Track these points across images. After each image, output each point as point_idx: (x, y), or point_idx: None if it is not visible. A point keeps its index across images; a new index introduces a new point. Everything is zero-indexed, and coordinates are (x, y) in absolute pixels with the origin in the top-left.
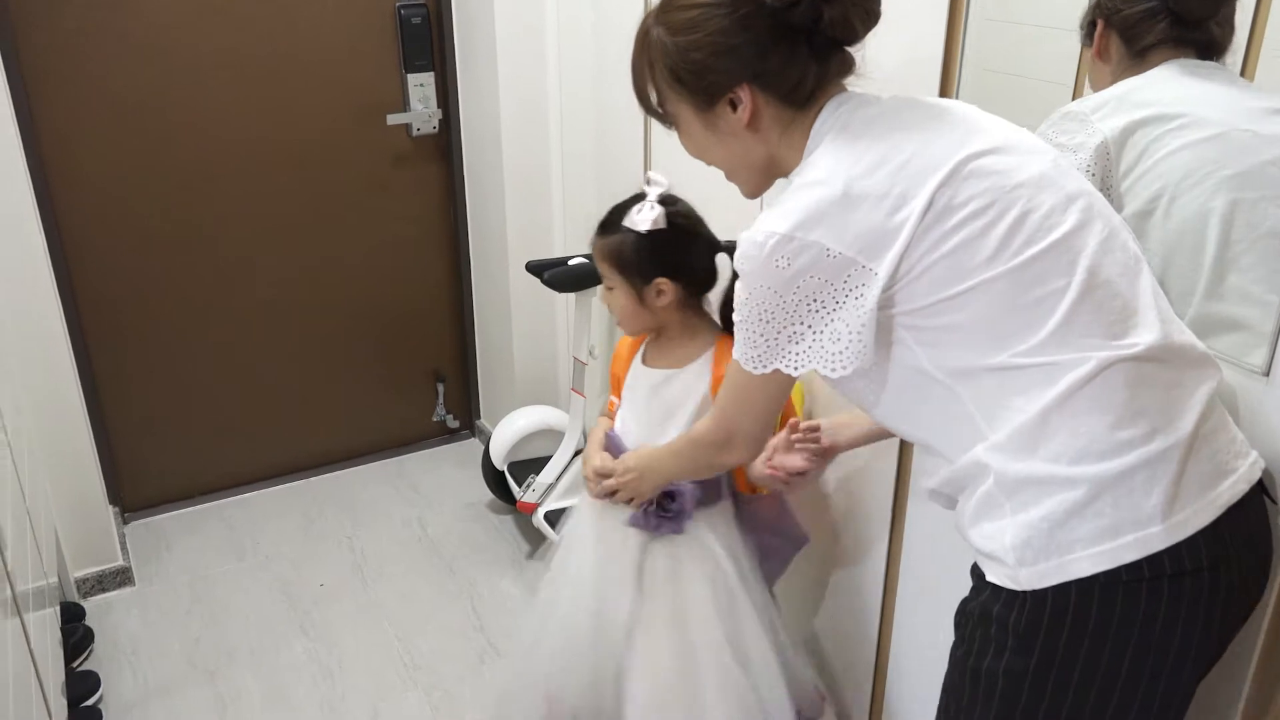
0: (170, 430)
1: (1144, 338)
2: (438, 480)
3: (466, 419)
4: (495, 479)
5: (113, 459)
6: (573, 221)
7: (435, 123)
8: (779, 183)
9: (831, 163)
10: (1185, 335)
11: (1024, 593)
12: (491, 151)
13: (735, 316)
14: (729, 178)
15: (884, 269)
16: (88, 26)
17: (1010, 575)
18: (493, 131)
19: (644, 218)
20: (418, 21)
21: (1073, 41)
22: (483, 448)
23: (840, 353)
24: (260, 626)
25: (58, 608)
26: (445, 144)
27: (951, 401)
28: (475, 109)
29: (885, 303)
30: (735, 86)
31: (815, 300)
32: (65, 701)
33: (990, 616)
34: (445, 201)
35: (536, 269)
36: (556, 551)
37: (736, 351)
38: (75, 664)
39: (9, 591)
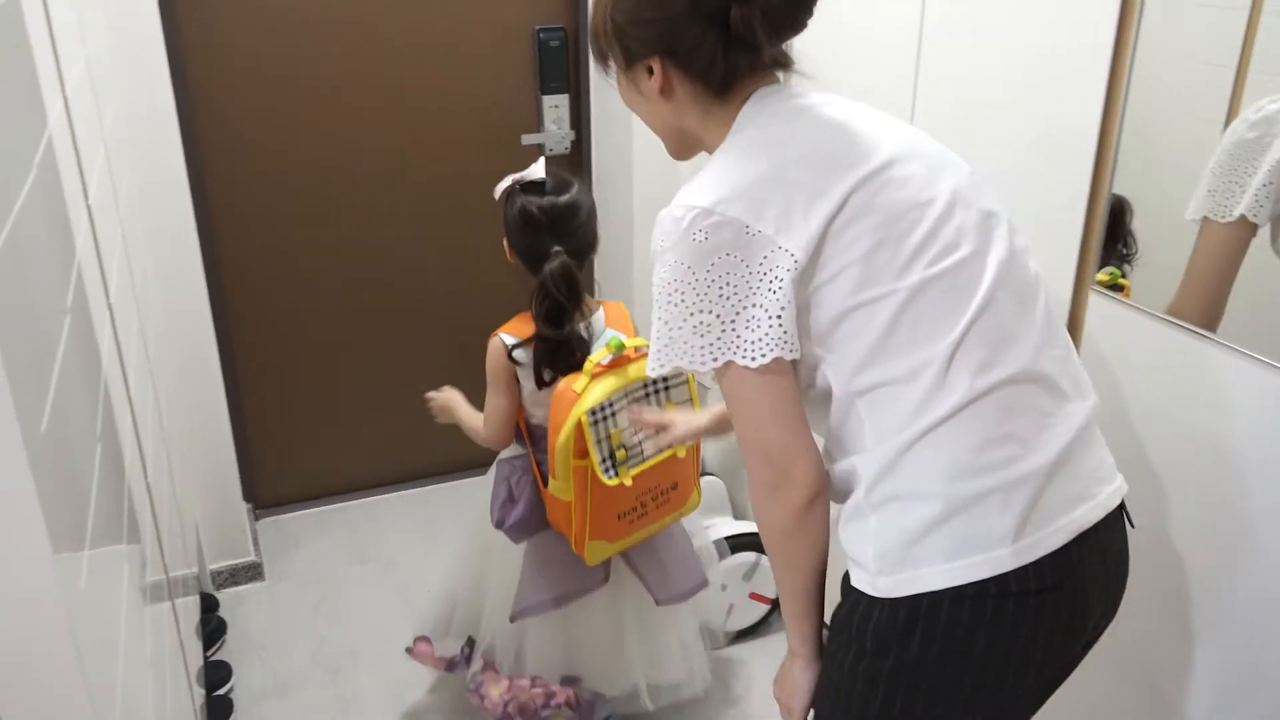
0: (302, 433)
1: (1021, 365)
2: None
3: None
4: None
5: (248, 459)
6: None
7: (568, 144)
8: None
9: (755, 145)
10: (1068, 363)
11: (882, 599)
12: (622, 174)
13: (653, 317)
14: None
15: (801, 254)
16: (247, 67)
17: (870, 582)
18: (624, 154)
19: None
20: (555, 45)
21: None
22: None
23: (758, 340)
24: (382, 630)
25: (197, 597)
26: (576, 165)
27: (849, 409)
28: (607, 131)
29: (804, 304)
30: (648, 57)
31: (729, 284)
32: (202, 689)
33: (853, 620)
34: None
35: None
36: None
37: (651, 355)
38: (209, 653)
39: (164, 576)
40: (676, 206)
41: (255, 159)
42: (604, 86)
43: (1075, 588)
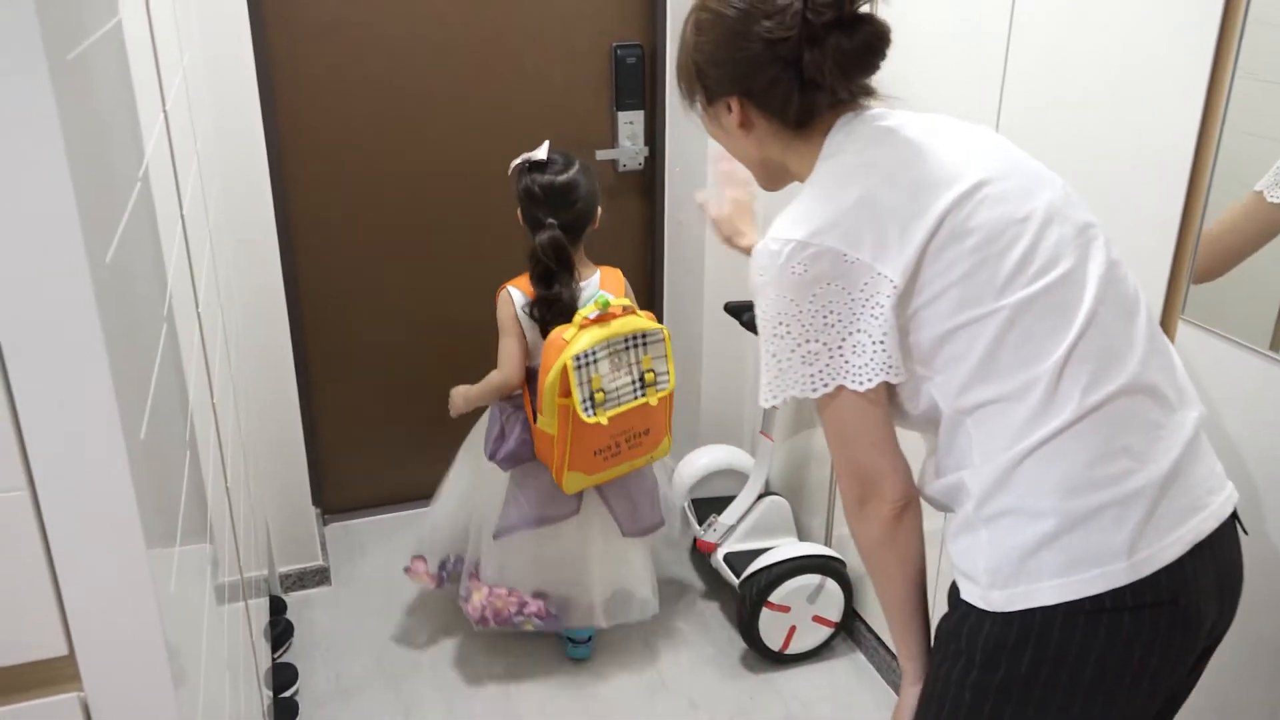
0: (370, 440)
1: (1129, 377)
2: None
3: None
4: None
5: (318, 464)
6: None
7: (641, 159)
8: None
9: (844, 173)
10: (1174, 373)
11: (993, 613)
12: (695, 190)
13: (761, 349)
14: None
15: (899, 279)
16: (330, 76)
17: (982, 596)
18: (697, 170)
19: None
20: (632, 61)
21: None
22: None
23: (865, 365)
24: (443, 638)
25: (267, 599)
26: (650, 180)
27: (957, 426)
28: (682, 148)
29: (904, 327)
30: (726, 95)
31: (832, 312)
32: (269, 691)
33: (961, 633)
34: (645, 236)
35: (735, 310)
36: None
37: (762, 388)
38: (276, 655)
39: (239, 576)
40: (772, 240)
41: (335, 173)
42: (679, 104)
43: (1189, 599)
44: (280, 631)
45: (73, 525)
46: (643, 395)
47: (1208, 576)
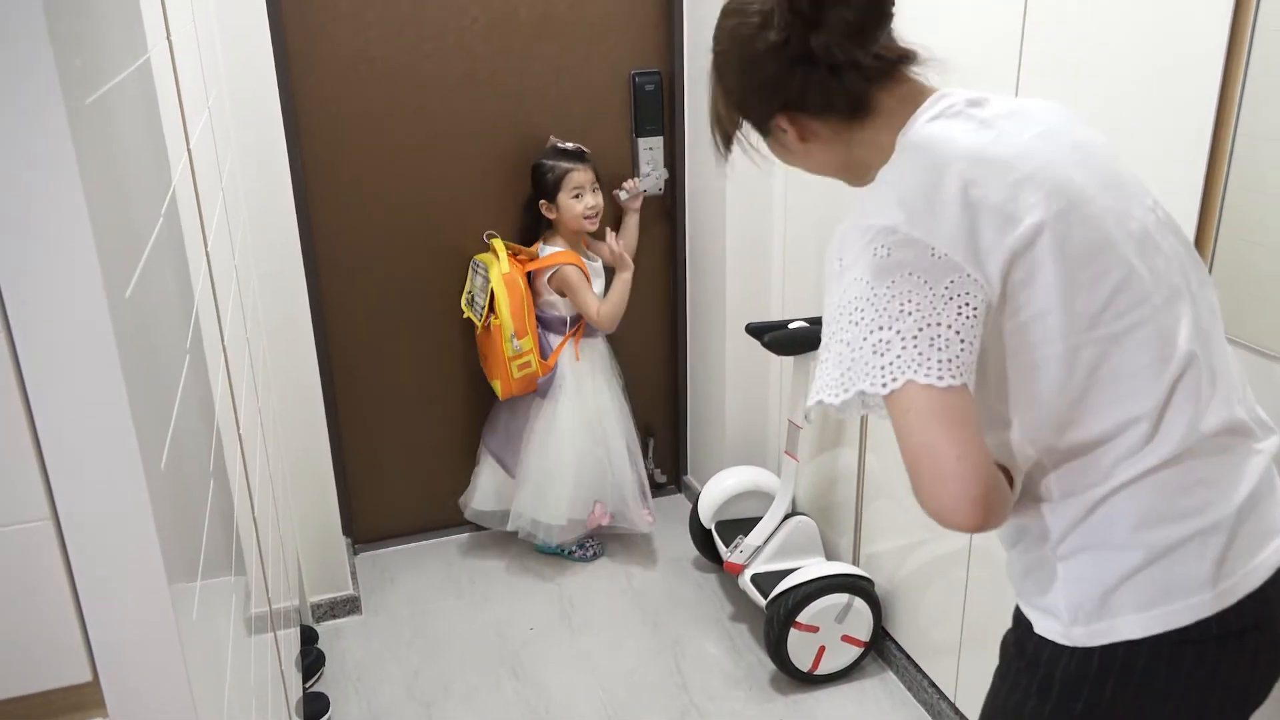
0: (399, 470)
1: (1224, 417)
2: (643, 534)
3: (674, 474)
4: (702, 537)
5: (347, 494)
6: (792, 285)
7: (661, 184)
8: None
9: (940, 158)
10: (1247, 403)
11: (1073, 648)
12: (715, 214)
13: (827, 342)
14: (827, 174)
15: (993, 286)
16: (356, 110)
17: (1063, 633)
18: (717, 195)
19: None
20: (650, 89)
21: None
22: (689, 504)
23: (945, 360)
24: (474, 664)
25: (298, 629)
26: (670, 205)
27: (1038, 462)
28: (701, 172)
29: (994, 345)
30: (773, 119)
31: (910, 301)
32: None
33: (1039, 663)
34: (667, 259)
35: (757, 331)
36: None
37: (828, 382)
38: (308, 685)
39: (267, 608)
40: (856, 224)
41: (360, 204)
42: (697, 130)
43: (1272, 624)
44: (312, 661)
45: (94, 553)
46: (479, 319)
47: None
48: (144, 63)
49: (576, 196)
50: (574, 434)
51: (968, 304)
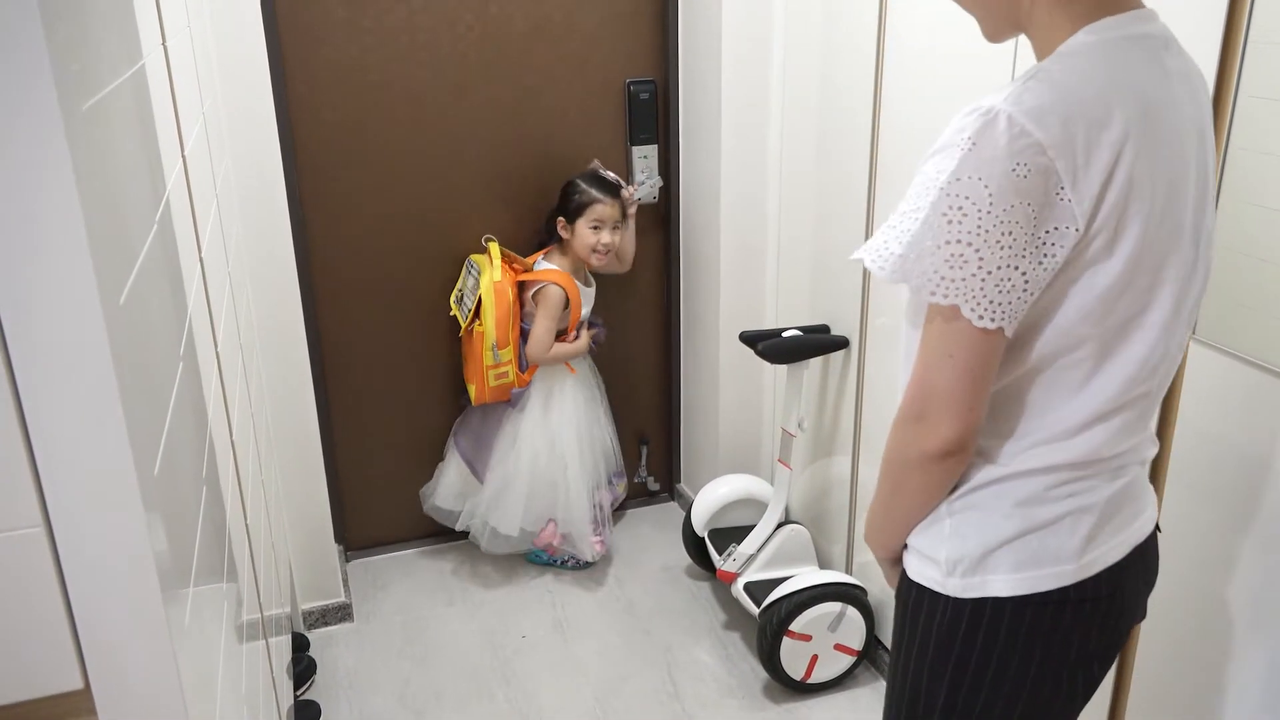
0: (391, 477)
1: (1148, 433)
2: (636, 541)
3: (667, 482)
4: (695, 545)
5: (340, 500)
6: (785, 293)
7: (656, 192)
8: None
9: (1123, 93)
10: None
11: (948, 597)
12: (710, 223)
13: (908, 206)
14: (967, 8)
15: (1085, 242)
16: (348, 122)
17: (940, 581)
18: (712, 203)
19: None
20: (645, 97)
21: None
22: (682, 512)
23: (1001, 303)
24: (465, 672)
25: (289, 636)
26: (664, 213)
27: (1014, 398)
28: (696, 180)
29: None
30: None
31: (1011, 234)
32: None
33: (920, 610)
34: (660, 267)
35: (751, 339)
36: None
37: (883, 250)
38: (299, 692)
39: (259, 615)
40: (1013, 113)
41: (354, 209)
42: (692, 138)
43: (1123, 592)
44: (303, 669)
45: (87, 560)
46: (464, 322)
47: (1138, 572)
48: (139, 69)
49: (595, 228)
50: (534, 449)
51: (1054, 255)
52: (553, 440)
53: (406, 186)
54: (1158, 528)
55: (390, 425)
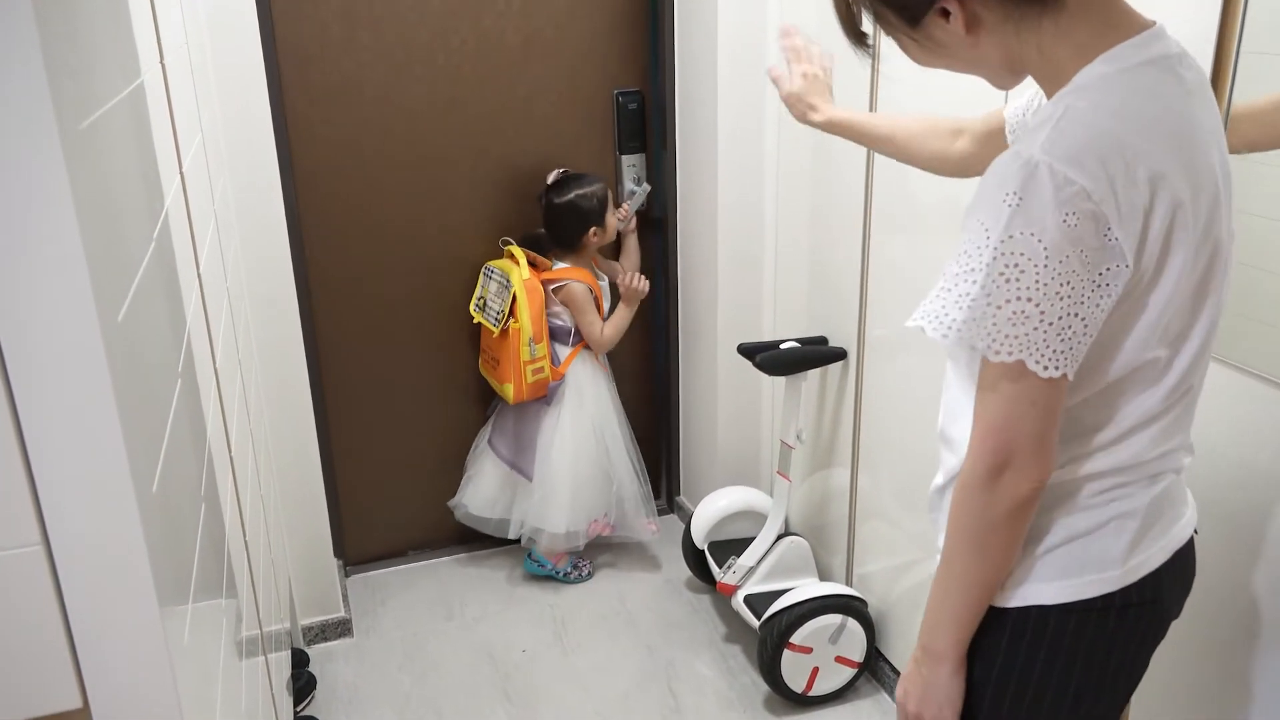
0: (390, 491)
1: (1185, 440)
2: (637, 554)
3: (666, 495)
4: (695, 557)
5: (339, 514)
6: (783, 305)
7: (644, 199)
8: None
9: (1150, 121)
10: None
11: (991, 607)
12: (707, 234)
13: (958, 270)
14: (965, 72)
15: (1137, 275)
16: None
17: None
18: (709, 215)
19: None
20: (633, 107)
21: None
22: (681, 525)
23: (1065, 351)
24: (466, 687)
25: (289, 652)
26: (659, 223)
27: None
28: (692, 191)
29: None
30: (934, 2)
31: (1068, 283)
32: None
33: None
34: (658, 279)
35: (748, 351)
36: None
37: (939, 314)
38: (299, 708)
39: (258, 631)
40: (1053, 163)
41: (351, 223)
42: (689, 148)
43: (1165, 597)
44: (303, 685)
45: (86, 578)
46: (495, 325)
47: (1177, 576)
48: (137, 87)
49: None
50: (579, 443)
51: (1110, 296)
52: (596, 429)
53: (402, 199)
54: (1195, 530)
55: (389, 438)
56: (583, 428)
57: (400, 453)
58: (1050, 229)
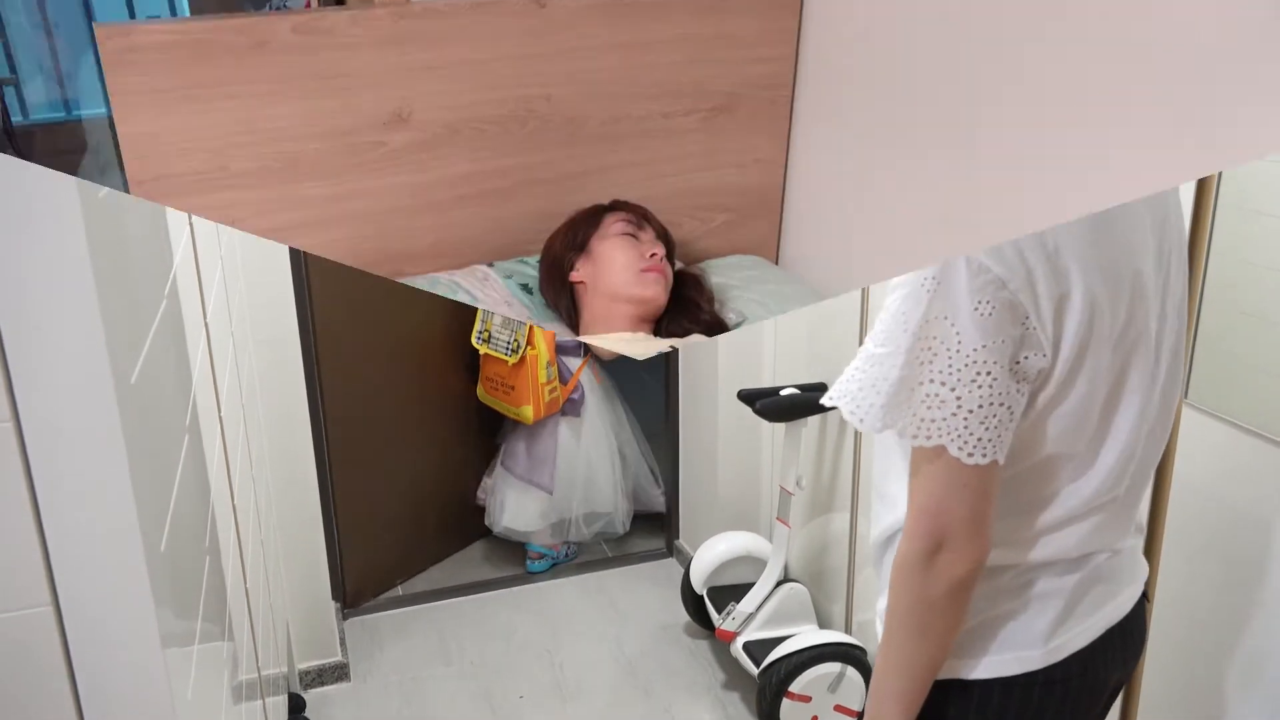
0: (389, 534)
1: (1122, 537)
2: (635, 598)
3: (666, 539)
4: (694, 603)
5: (339, 557)
6: (783, 351)
7: None
8: None
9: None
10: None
11: None
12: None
13: (875, 350)
14: None
15: (1055, 367)
16: None
17: None
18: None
19: None
20: None
21: None
22: (680, 569)
23: (989, 440)
24: None
25: (286, 696)
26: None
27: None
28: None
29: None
30: None
31: (988, 373)
32: None
33: None
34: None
35: (748, 397)
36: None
37: (857, 400)
38: None
39: (257, 674)
40: (970, 256)
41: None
42: None
43: (1098, 669)
44: None
45: (93, 638)
46: (509, 355)
47: (1115, 647)
48: None
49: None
50: (598, 441)
51: (1028, 379)
52: (613, 427)
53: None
54: (1146, 597)
55: (390, 481)
56: (603, 428)
57: (402, 497)
58: (964, 314)
